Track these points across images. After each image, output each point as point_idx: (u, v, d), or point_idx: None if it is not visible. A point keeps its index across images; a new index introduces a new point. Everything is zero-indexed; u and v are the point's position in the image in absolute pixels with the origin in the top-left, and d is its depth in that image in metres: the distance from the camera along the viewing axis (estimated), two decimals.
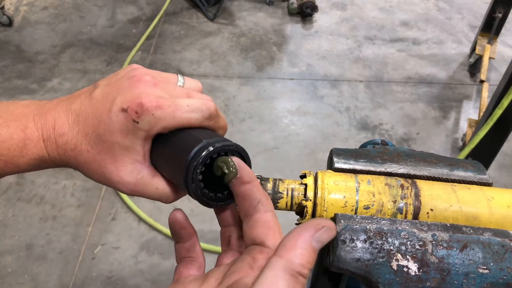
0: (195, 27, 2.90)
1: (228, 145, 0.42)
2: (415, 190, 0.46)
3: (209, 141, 0.41)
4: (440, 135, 2.28)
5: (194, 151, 0.41)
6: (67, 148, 0.45)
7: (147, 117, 0.42)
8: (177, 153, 0.43)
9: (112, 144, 0.44)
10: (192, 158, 0.41)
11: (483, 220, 0.45)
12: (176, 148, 0.43)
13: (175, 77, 0.49)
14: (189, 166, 0.41)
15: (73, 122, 0.45)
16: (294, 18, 3.00)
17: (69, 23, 2.89)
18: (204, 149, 0.41)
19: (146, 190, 0.46)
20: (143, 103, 0.42)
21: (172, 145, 0.44)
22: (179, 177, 0.42)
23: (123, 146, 0.44)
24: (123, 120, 0.43)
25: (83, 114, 0.45)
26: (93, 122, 0.44)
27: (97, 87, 0.47)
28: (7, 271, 1.72)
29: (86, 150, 0.45)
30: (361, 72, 2.61)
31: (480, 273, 0.41)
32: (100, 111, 0.44)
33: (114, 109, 0.43)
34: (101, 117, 0.44)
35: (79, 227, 1.85)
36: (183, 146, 0.42)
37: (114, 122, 0.43)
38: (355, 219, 0.44)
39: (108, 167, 0.45)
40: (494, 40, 2.52)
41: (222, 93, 2.44)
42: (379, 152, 0.52)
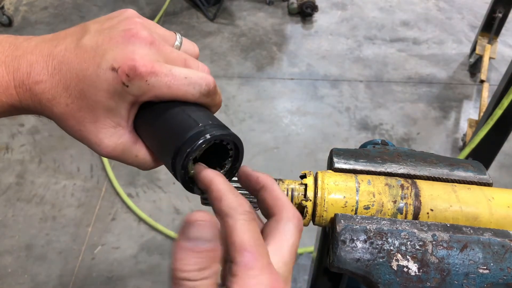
0: (195, 27, 2.90)
1: (225, 134, 0.39)
2: (415, 190, 0.46)
3: (205, 126, 0.38)
4: (440, 135, 2.28)
5: (190, 135, 0.38)
6: (44, 97, 0.40)
7: (139, 82, 0.38)
8: (168, 130, 0.40)
9: (95, 102, 0.40)
10: (186, 143, 0.37)
11: (483, 220, 0.45)
12: (166, 124, 0.40)
13: (173, 36, 0.44)
14: (181, 151, 0.38)
15: (53, 70, 0.40)
16: (294, 18, 3.00)
17: (69, 23, 2.89)
18: (200, 136, 0.37)
19: (125, 156, 0.43)
20: (137, 66, 0.38)
21: (162, 118, 0.40)
22: (166, 156, 0.39)
23: (107, 107, 0.40)
24: (111, 80, 0.38)
25: (67, 62, 0.40)
26: (77, 74, 0.39)
27: (86, 31, 0.41)
28: (7, 271, 1.72)
29: (65, 103, 0.40)
30: (361, 72, 2.61)
31: (480, 273, 0.41)
32: (87, 64, 0.39)
33: (103, 65, 0.38)
34: (87, 71, 0.39)
35: (79, 227, 1.85)
36: (175, 125, 0.39)
37: (101, 80, 0.39)
38: (355, 219, 0.44)
39: (87, 126, 0.41)
40: (494, 40, 2.52)
41: (222, 93, 2.42)
42: (379, 152, 0.51)
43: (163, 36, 0.43)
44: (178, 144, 0.38)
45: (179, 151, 0.38)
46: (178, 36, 0.45)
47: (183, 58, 0.42)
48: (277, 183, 0.41)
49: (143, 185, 2.00)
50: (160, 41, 0.41)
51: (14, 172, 2.05)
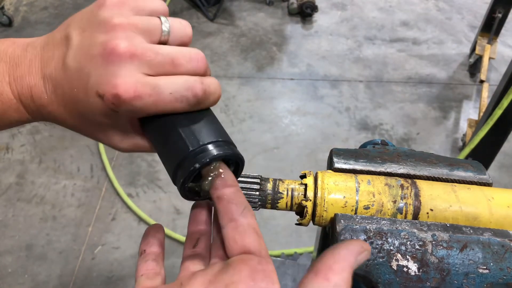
0: (195, 27, 2.90)
1: (226, 154, 0.39)
2: (415, 190, 0.46)
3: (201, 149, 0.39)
4: (440, 135, 2.28)
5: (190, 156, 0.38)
6: (51, 117, 0.43)
7: (126, 107, 0.38)
8: (165, 147, 0.41)
9: (96, 120, 0.41)
10: (180, 166, 0.39)
11: (483, 220, 0.45)
12: (163, 139, 0.41)
13: (158, 24, 0.41)
14: (183, 170, 0.39)
15: (51, 93, 0.41)
16: (294, 18, 3.00)
17: None
18: (201, 159, 0.38)
19: (142, 149, 0.45)
20: (119, 94, 0.37)
21: (158, 131, 0.41)
22: (167, 166, 0.41)
23: (108, 124, 0.42)
24: (101, 105, 0.39)
25: (60, 86, 0.41)
26: (71, 98, 0.40)
27: (69, 47, 0.40)
28: (7, 271, 1.72)
29: (72, 122, 0.43)
30: (361, 72, 2.61)
31: (480, 273, 0.41)
32: (77, 89, 0.40)
33: (90, 92, 0.39)
34: (78, 97, 0.40)
35: (79, 227, 1.85)
36: (171, 144, 0.40)
37: (92, 105, 0.39)
38: (355, 219, 0.44)
39: (99, 135, 0.44)
40: (494, 40, 2.52)
41: (222, 93, 2.44)
42: (379, 152, 0.52)
43: (147, 25, 0.40)
44: (178, 163, 0.39)
45: (176, 171, 0.39)
46: (163, 21, 0.41)
47: (170, 58, 0.39)
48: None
49: (143, 185, 2.01)
50: (141, 47, 0.38)
51: (14, 172, 2.05)
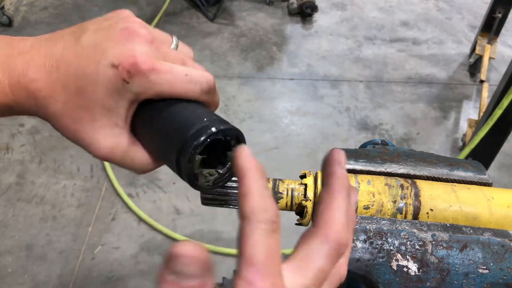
0: (195, 27, 2.90)
1: (230, 128, 0.38)
2: (415, 190, 0.46)
3: (209, 121, 0.38)
4: (440, 135, 2.28)
5: (195, 129, 0.37)
6: (40, 95, 0.39)
7: (140, 79, 0.38)
8: (171, 127, 0.39)
9: (94, 100, 0.39)
10: (192, 136, 0.37)
11: (483, 220, 0.45)
12: (169, 121, 0.39)
13: (170, 38, 0.44)
14: (187, 144, 0.37)
15: (51, 68, 0.39)
16: (294, 18, 3.00)
17: (69, 23, 2.89)
18: (205, 130, 0.37)
19: (122, 157, 0.41)
20: (138, 63, 0.37)
21: (163, 116, 0.40)
22: (168, 154, 0.38)
23: (106, 105, 0.39)
24: (111, 77, 0.38)
25: (65, 60, 0.39)
26: (76, 72, 0.39)
27: (85, 31, 0.41)
28: (7, 271, 1.72)
29: (62, 101, 0.39)
30: (361, 72, 2.61)
31: (480, 273, 0.41)
32: (86, 61, 0.39)
33: (103, 62, 0.38)
34: (87, 69, 0.38)
35: (79, 227, 1.85)
36: (178, 122, 0.39)
37: (101, 77, 0.38)
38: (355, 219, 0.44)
39: (83, 125, 0.40)
40: (494, 40, 2.52)
41: (222, 93, 2.44)
42: (379, 152, 0.52)
43: (160, 37, 0.43)
44: (183, 139, 0.37)
45: (184, 145, 0.37)
46: (174, 38, 0.45)
47: (181, 57, 0.42)
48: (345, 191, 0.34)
49: (143, 185, 2.01)
50: (158, 40, 0.41)
51: (14, 172, 2.05)
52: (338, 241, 0.31)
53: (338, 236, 0.31)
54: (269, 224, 0.29)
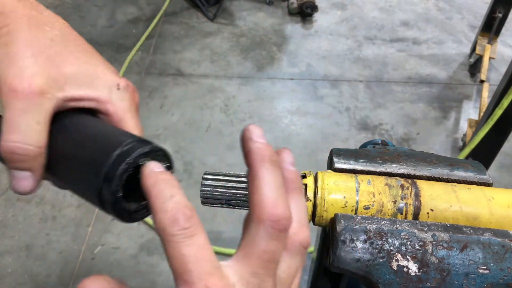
0: (195, 27, 2.90)
1: (159, 149, 0.35)
2: (415, 190, 0.46)
3: (137, 140, 0.34)
4: (440, 135, 2.28)
5: (123, 149, 0.33)
6: (24, 18, 0.38)
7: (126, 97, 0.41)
8: (94, 142, 0.35)
9: (82, 62, 0.40)
10: (120, 156, 0.33)
11: (483, 220, 0.45)
12: (90, 137, 0.35)
13: None
14: (108, 176, 0.32)
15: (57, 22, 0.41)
16: (294, 18, 3.00)
17: (69, 23, 2.88)
18: (135, 149, 0.33)
19: (29, 109, 0.36)
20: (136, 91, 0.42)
21: (88, 128, 0.37)
22: (86, 187, 0.34)
23: (83, 74, 0.39)
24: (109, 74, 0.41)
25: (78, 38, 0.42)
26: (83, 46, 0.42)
27: None
28: (7, 271, 1.72)
29: (50, 38, 0.39)
30: (361, 72, 2.61)
31: (480, 273, 0.41)
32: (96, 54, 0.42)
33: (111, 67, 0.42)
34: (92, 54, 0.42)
35: (79, 227, 1.85)
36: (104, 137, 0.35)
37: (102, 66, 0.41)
38: (355, 219, 0.44)
39: (46, 58, 0.38)
40: (494, 40, 2.52)
41: (222, 93, 2.44)
42: (379, 152, 0.51)
43: None
44: (101, 173, 0.32)
45: (106, 177, 0.32)
46: None
47: None
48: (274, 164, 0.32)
49: None
50: None
51: None
52: (272, 217, 0.30)
53: (270, 212, 0.30)
54: (184, 232, 0.29)
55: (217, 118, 2.30)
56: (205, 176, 0.49)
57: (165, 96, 2.41)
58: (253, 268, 0.31)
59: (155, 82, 2.49)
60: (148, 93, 2.41)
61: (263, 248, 0.30)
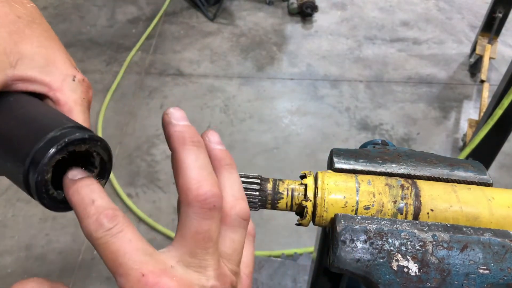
0: (195, 27, 2.90)
1: (92, 138, 0.32)
2: (416, 190, 0.46)
3: (73, 127, 0.32)
4: (441, 135, 2.28)
5: (53, 135, 0.31)
6: None
7: (79, 90, 0.39)
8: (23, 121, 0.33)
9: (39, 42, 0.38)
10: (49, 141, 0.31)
11: (484, 221, 0.45)
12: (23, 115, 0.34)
13: None
14: (36, 158, 0.31)
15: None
16: (294, 18, 3.00)
17: (69, 23, 2.89)
18: (66, 136, 0.31)
19: None
20: (91, 88, 0.41)
21: (21, 106, 0.35)
22: (11, 166, 0.32)
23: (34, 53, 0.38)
24: (68, 63, 0.40)
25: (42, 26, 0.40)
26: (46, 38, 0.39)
27: None
28: (7, 271, 1.72)
29: (17, 16, 0.38)
30: (361, 72, 2.61)
31: (480, 273, 0.41)
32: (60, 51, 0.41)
33: (71, 60, 0.41)
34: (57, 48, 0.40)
35: (79, 227, 1.84)
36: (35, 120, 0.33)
37: (64, 54, 0.40)
38: (355, 219, 0.44)
39: None
40: (495, 40, 2.52)
41: (222, 93, 2.44)
42: (379, 152, 0.51)
43: None
44: (33, 149, 0.31)
45: (36, 154, 0.31)
46: None
47: None
48: (194, 148, 0.33)
49: (142, 185, 2.00)
50: None
51: None
52: (199, 198, 0.31)
53: (196, 194, 0.31)
54: (109, 233, 0.30)
55: (217, 118, 2.30)
56: None
57: (165, 96, 2.41)
58: (190, 249, 0.31)
59: (155, 82, 2.49)
60: (148, 93, 2.41)
61: (195, 229, 0.31)
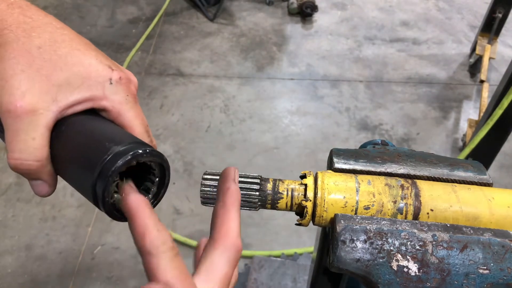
0: (195, 27, 2.90)
1: (156, 154, 0.37)
2: (415, 190, 0.46)
3: (134, 142, 0.36)
4: (440, 135, 2.28)
5: (117, 150, 0.35)
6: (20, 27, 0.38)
7: (120, 90, 0.41)
8: (92, 140, 0.37)
9: (66, 67, 0.39)
10: (114, 156, 0.35)
11: (483, 221, 0.45)
12: (91, 133, 0.38)
13: None
14: (102, 172, 0.35)
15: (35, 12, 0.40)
16: (294, 18, 3.00)
17: (69, 23, 2.88)
18: (126, 152, 0.35)
19: (25, 126, 0.37)
20: (131, 81, 0.42)
21: (88, 126, 0.38)
22: (83, 179, 0.36)
23: (70, 80, 0.39)
24: (101, 69, 0.40)
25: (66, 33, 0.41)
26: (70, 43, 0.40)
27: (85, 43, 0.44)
28: (7, 271, 1.72)
29: (37, 46, 0.38)
30: (361, 72, 2.61)
31: (480, 273, 0.41)
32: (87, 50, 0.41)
33: (103, 60, 0.41)
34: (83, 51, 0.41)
35: (79, 227, 1.85)
36: (102, 136, 0.37)
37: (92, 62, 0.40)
38: (355, 219, 0.44)
39: (32, 74, 0.38)
40: (494, 40, 2.52)
41: (222, 93, 2.44)
42: (379, 152, 0.51)
43: None
44: (101, 158, 0.35)
45: (103, 167, 0.35)
46: None
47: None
48: (235, 206, 0.39)
49: None
50: None
51: (14, 172, 2.04)
52: (236, 247, 0.37)
53: (236, 243, 0.37)
54: (171, 251, 0.33)
55: (217, 118, 2.30)
56: (205, 176, 0.49)
57: (165, 96, 2.41)
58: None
59: (155, 82, 2.49)
60: (148, 93, 2.41)
61: (225, 272, 0.36)
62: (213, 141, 2.19)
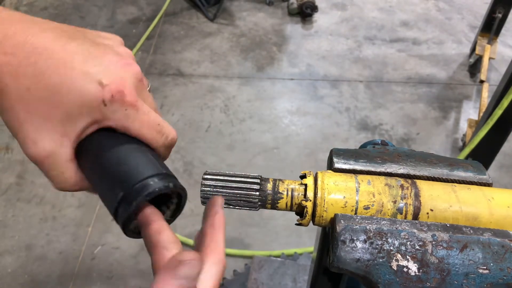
0: (195, 27, 2.90)
1: (179, 187, 0.41)
2: (415, 190, 0.46)
3: (160, 174, 0.39)
4: (440, 135, 2.28)
5: (145, 179, 0.38)
6: (6, 70, 0.36)
7: (118, 108, 0.39)
8: (121, 167, 0.39)
9: (60, 102, 0.38)
10: (142, 188, 0.38)
11: (483, 221, 0.45)
12: (118, 158, 0.40)
13: (146, 80, 0.46)
14: (133, 195, 0.38)
15: (32, 50, 0.37)
16: (294, 18, 3.00)
17: (69, 23, 2.87)
18: (156, 185, 0.38)
19: (51, 167, 0.40)
20: (125, 93, 0.39)
21: (115, 150, 0.40)
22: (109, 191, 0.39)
23: (69, 113, 0.38)
24: (92, 91, 0.38)
25: (52, 51, 0.37)
26: (58, 66, 0.37)
27: (80, 36, 0.41)
28: (7, 271, 1.72)
29: (27, 86, 0.37)
30: (361, 72, 2.61)
31: (480, 273, 0.41)
32: (74, 64, 0.38)
33: (92, 75, 0.38)
34: (72, 71, 0.38)
35: (79, 227, 1.85)
36: (130, 164, 0.39)
37: (80, 85, 0.37)
38: (355, 219, 0.44)
39: (34, 119, 0.38)
40: (494, 40, 2.52)
41: (222, 93, 2.44)
42: (379, 152, 0.51)
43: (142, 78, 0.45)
44: (130, 186, 0.38)
45: (129, 194, 0.38)
46: (148, 81, 0.47)
47: (155, 106, 0.45)
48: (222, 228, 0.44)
49: None
50: (142, 81, 0.43)
51: (14, 172, 2.05)
52: (223, 263, 0.41)
53: (223, 259, 0.41)
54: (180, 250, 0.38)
55: (217, 118, 2.30)
56: (205, 176, 0.49)
57: (165, 96, 2.41)
58: None
59: (155, 82, 2.49)
60: None
61: (213, 285, 0.39)
62: (213, 141, 2.19)
